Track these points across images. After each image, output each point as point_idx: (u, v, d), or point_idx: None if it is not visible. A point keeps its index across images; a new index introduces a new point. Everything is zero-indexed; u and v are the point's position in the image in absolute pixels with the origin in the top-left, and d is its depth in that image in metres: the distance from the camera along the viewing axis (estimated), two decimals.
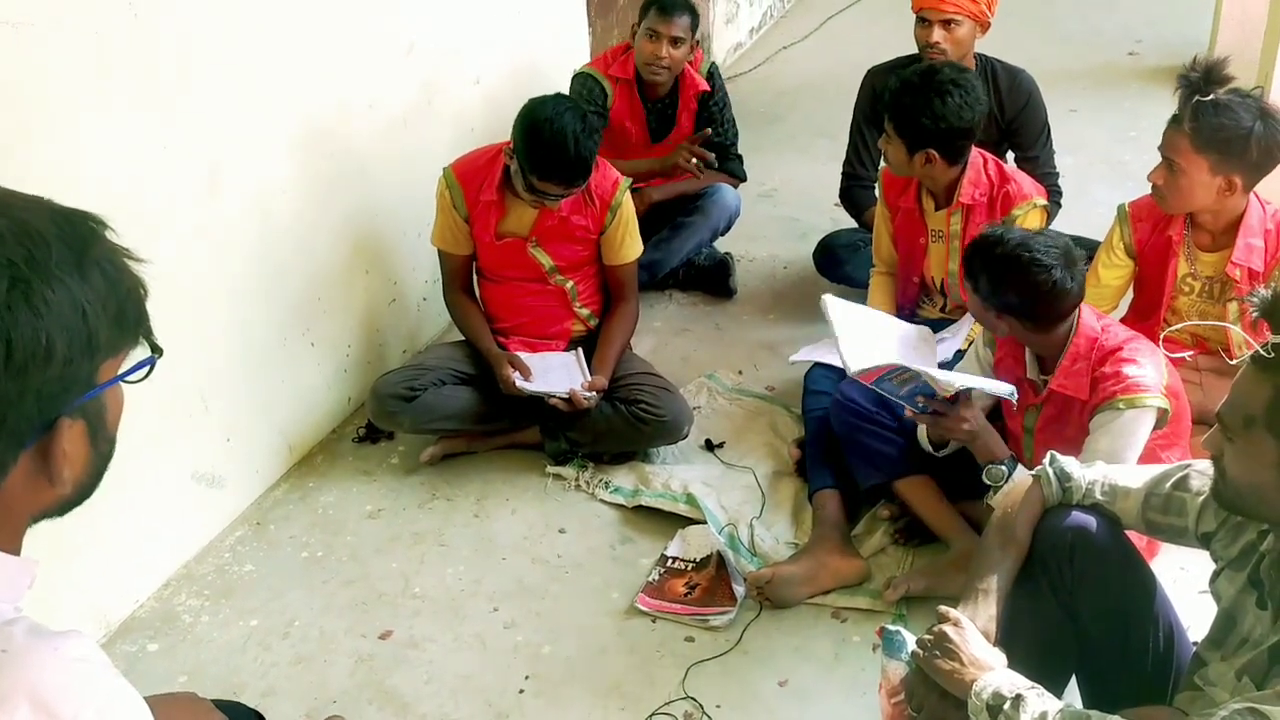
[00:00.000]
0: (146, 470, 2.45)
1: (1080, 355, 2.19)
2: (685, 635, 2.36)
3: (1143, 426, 2.11)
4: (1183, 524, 1.63)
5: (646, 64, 3.49)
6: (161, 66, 2.35)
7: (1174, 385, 2.18)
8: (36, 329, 0.84)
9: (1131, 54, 5.91)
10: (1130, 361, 2.14)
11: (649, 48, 3.46)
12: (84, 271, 0.88)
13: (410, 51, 3.26)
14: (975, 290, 2.20)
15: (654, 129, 3.67)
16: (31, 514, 0.95)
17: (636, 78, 3.57)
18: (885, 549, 2.54)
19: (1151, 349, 2.19)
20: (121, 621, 2.44)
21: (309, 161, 2.87)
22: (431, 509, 2.82)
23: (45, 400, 0.87)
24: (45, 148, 2.10)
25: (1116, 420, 2.11)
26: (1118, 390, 2.12)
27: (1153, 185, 2.56)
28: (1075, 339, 2.20)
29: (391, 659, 2.34)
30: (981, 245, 2.20)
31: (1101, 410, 2.14)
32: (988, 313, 2.21)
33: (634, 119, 3.62)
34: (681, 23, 3.44)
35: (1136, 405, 2.10)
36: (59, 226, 0.89)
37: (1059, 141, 3.58)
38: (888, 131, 2.74)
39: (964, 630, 1.60)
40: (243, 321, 2.72)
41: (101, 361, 0.91)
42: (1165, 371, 2.16)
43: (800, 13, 7.20)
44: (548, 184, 2.68)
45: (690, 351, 3.50)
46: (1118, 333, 2.22)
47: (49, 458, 0.90)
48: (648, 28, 3.46)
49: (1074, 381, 2.19)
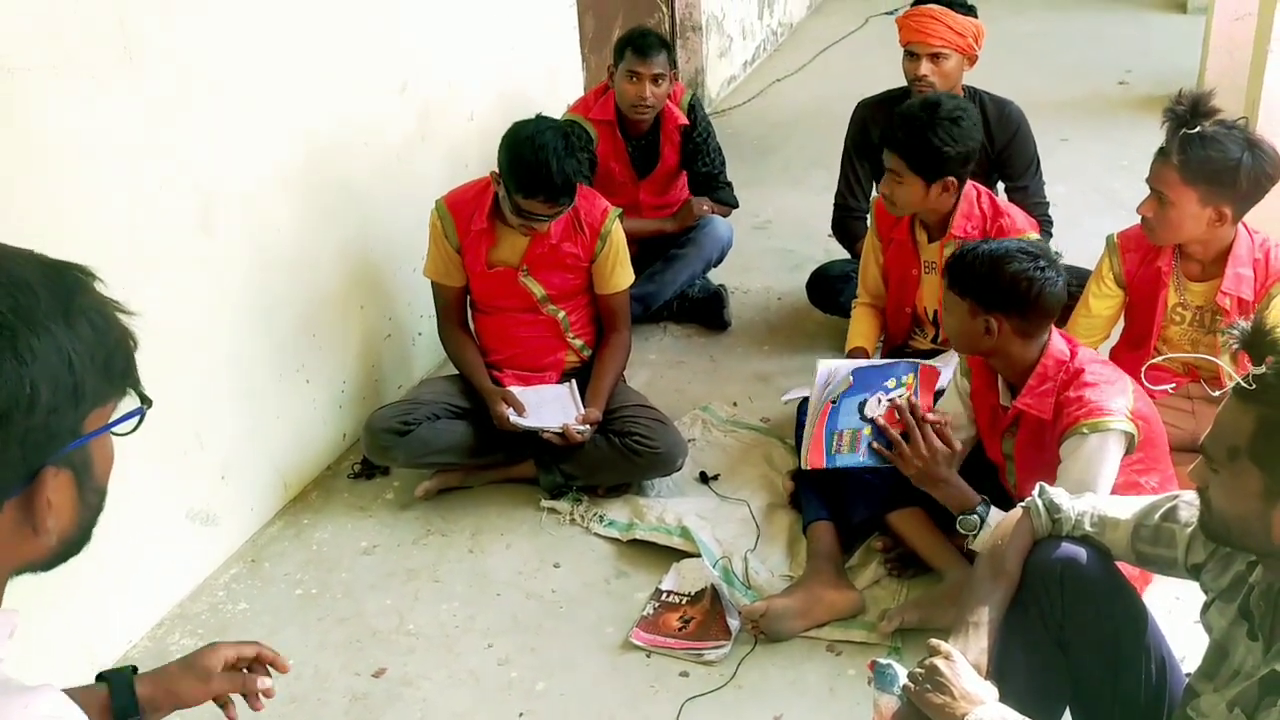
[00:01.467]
0: (141, 508, 2.45)
1: (1048, 376, 2.20)
2: (680, 670, 2.35)
3: (1110, 451, 2.10)
4: (1172, 555, 1.63)
5: (631, 105, 3.51)
6: (156, 105, 2.37)
7: (1143, 409, 2.18)
8: (21, 376, 0.84)
9: (1122, 83, 5.97)
10: (1092, 385, 2.14)
11: (631, 89, 3.48)
12: (71, 321, 0.89)
13: (404, 89, 3.29)
14: (964, 293, 2.19)
15: (639, 166, 3.70)
16: (14, 566, 0.94)
17: (617, 117, 3.59)
18: (880, 581, 2.54)
19: (1117, 374, 2.20)
20: (114, 661, 2.42)
21: (304, 197, 2.89)
22: (426, 545, 2.82)
23: (30, 449, 0.87)
24: (44, 188, 2.12)
25: (1083, 446, 2.11)
26: (1080, 415, 2.12)
27: (1143, 218, 2.57)
28: (1044, 359, 2.21)
29: (385, 697, 2.33)
30: (966, 249, 2.25)
31: (1068, 436, 2.14)
32: (975, 320, 2.19)
33: (618, 159, 3.65)
34: (659, 60, 3.46)
35: (1100, 429, 2.10)
36: (46, 276, 0.89)
37: (1050, 170, 3.61)
38: (895, 171, 2.72)
39: (955, 664, 1.60)
40: (238, 357, 2.73)
41: (88, 411, 0.91)
42: (1132, 396, 2.16)
43: (793, 46, 7.28)
44: (533, 202, 2.70)
45: (685, 384, 3.51)
46: (1085, 357, 2.23)
47: (33, 508, 0.89)
48: (627, 69, 3.47)
49: (1039, 401, 2.20)
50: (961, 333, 2.25)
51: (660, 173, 3.72)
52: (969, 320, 2.21)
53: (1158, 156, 2.51)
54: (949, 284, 2.24)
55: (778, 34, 7.48)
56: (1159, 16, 7.20)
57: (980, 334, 2.22)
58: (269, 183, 2.77)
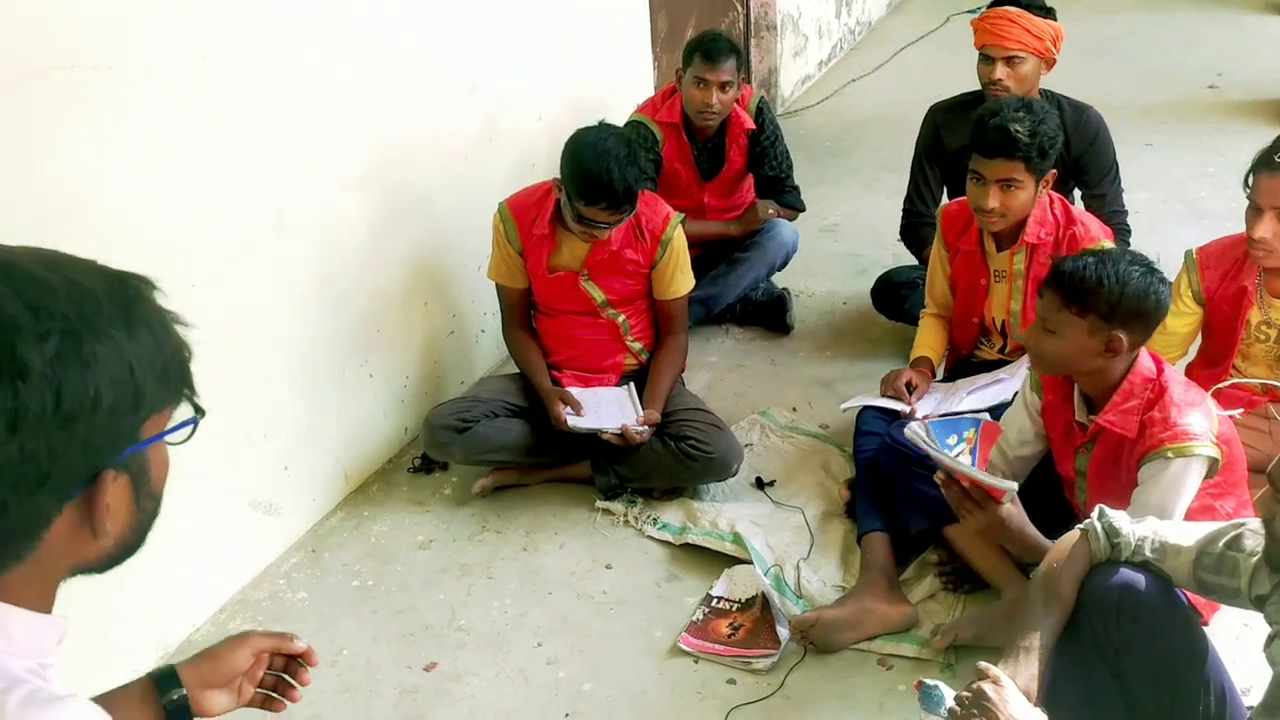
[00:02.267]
0: (206, 496, 2.51)
1: (1134, 393, 2.12)
2: (727, 677, 2.34)
3: (1192, 477, 2.05)
4: (1235, 585, 1.57)
5: (698, 111, 3.48)
6: (230, 107, 2.43)
7: (1225, 432, 2.10)
8: (85, 380, 0.87)
9: (1211, 87, 5.77)
10: (1178, 407, 2.07)
11: (698, 95, 3.45)
12: (132, 328, 0.91)
13: (474, 89, 3.32)
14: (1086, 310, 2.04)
15: (705, 168, 3.67)
16: (70, 568, 0.97)
17: (683, 120, 3.57)
18: (935, 595, 2.49)
19: (1201, 395, 2.13)
20: (178, 645, 2.49)
21: (372, 197, 2.94)
22: (481, 541, 2.84)
23: (91, 452, 0.89)
24: (123, 185, 2.19)
25: (1166, 471, 2.05)
26: (1165, 438, 2.05)
27: (1256, 240, 2.39)
28: (1130, 376, 2.13)
29: (435, 692, 2.35)
30: (1071, 264, 2.10)
31: (1150, 460, 2.07)
32: (1094, 339, 2.06)
33: (683, 161, 3.62)
34: (728, 67, 3.42)
35: (1185, 455, 2.03)
36: (109, 285, 0.92)
37: (1132, 177, 3.51)
38: (1011, 178, 2.60)
39: (1003, 689, 1.56)
40: (303, 353, 2.78)
41: (146, 417, 0.94)
42: (1216, 419, 2.09)
43: (871, 45, 7.18)
44: (594, 210, 2.70)
45: (745, 388, 3.48)
46: (1170, 375, 2.16)
47: (93, 511, 0.92)
48: (695, 75, 3.44)
49: (1123, 419, 2.12)
50: (1074, 352, 2.09)
51: (726, 175, 3.69)
52: (1085, 339, 2.07)
53: (1272, 171, 2.33)
54: (1065, 301, 2.07)
55: (855, 33, 7.39)
56: (1253, 18, 6.95)
57: (1096, 352, 2.09)
58: (339, 182, 2.82)
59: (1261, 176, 2.38)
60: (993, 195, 2.63)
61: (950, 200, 3.27)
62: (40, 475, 0.86)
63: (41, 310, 0.86)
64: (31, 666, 0.93)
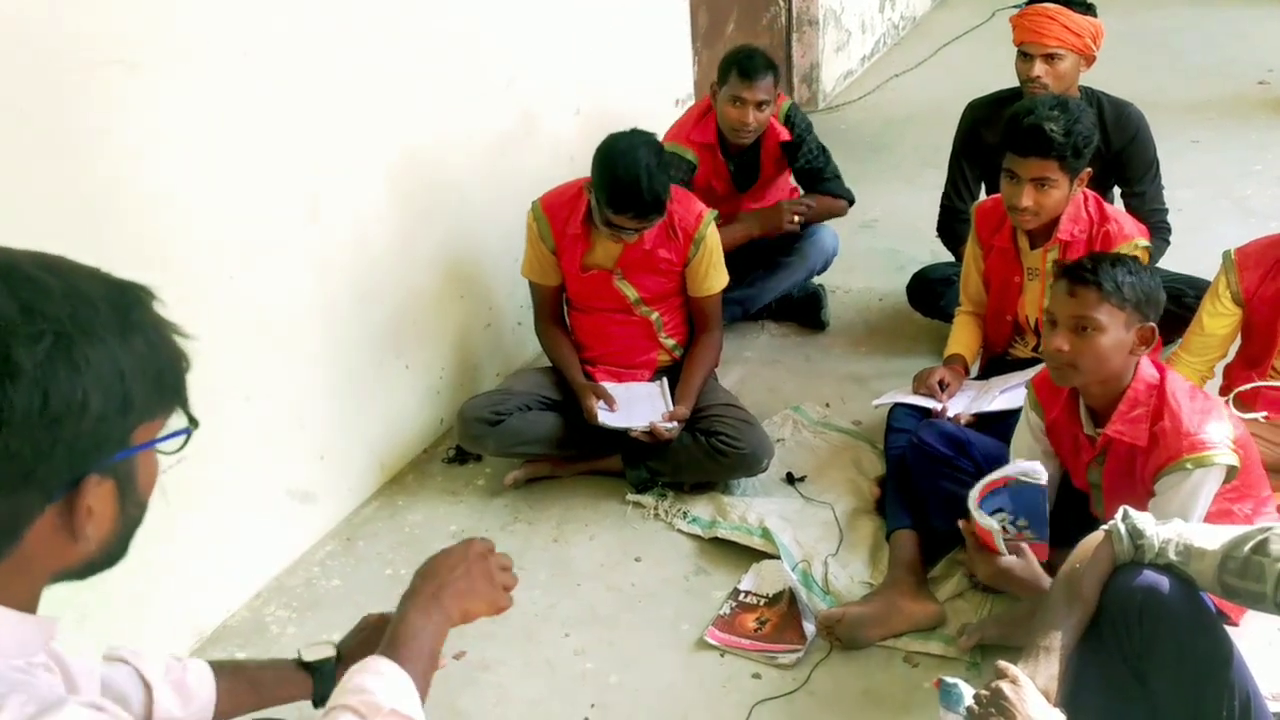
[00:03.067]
0: (243, 484, 2.57)
1: (1139, 401, 2.11)
2: (752, 672, 2.35)
3: (1210, 485, 2.03)
4: (1260, 590, 1.56)
5: (734, 129, 3.41)
6: (267, 101, 2.47)
7: (1242, 436, 2.08)
8: (74, 383, 0.88)
9: (1262, 83, 5.65)
10: (1192, 416, 2.05)
11: (734, 113, 3.38)
12: (126, 335, 0.93)
13: (511, 84, 3.35)
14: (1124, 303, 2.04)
15: (739, 180, 3.63)
16: (52, 572, 0.98)
17: (718, 138, 3.51)
18: (962, 594, 2.48)
19: (1211, 401, 2.10)
20: (214, 630, 2.55)
21: (408, 189, 2.98)
22: (513, 532, 2.88)
23: (76, 455, 0.90)
24: (157, 180, 2.24)
25: (1185, 481, 2.03)
26: (1183, 449, 2.03)
27: None
28: (1134, 383, 2.12)
29: (463, 679, 2.39)
30: (1103, 258, 2.11)
31: (1169, 472, 2.05)
32: (1128, 334, 2.06)
33: (719, 178, 3.57)
34: (765, 84, 3.35)
35: (1205, 465, 2.02)
36: (109, 292, 0.94)
37: (1177, 174, 3.46)
38: (1046, 177, 2.58)
39: (1022, 689, 1.56)
40: (339, 343, 2.83)
41: (136, 424, 0.95)
42: (1231, 424, 2.06)
43: (914, 41, 7.13)
44: (622, 217, 2.72)
45: (778, 383, 3.49)
46: (1174, 382, 2.13)
47: (74, 513, 0.93)
48: (731, 94, 3.36)
49: (1131, 428, 2.10)
50: (1113, 348, 2.06)
51: (759, 185, 3.67)
52: (1123, 333, 2.06)
53: None
54: (1104, 295, 2.04)
55: (899, 28, 7.33)
56: None
57: (1130, 347, 2.08)
58: (375, 175, 2.86)
59: None
60: (1026, 194, 2.61)
61: (989, 196, 3.25)
62: (23, 473, 0.87)
63: (36, 312, 0.87)
64: (19, 665, 0.94)
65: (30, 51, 1.94)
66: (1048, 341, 2.12)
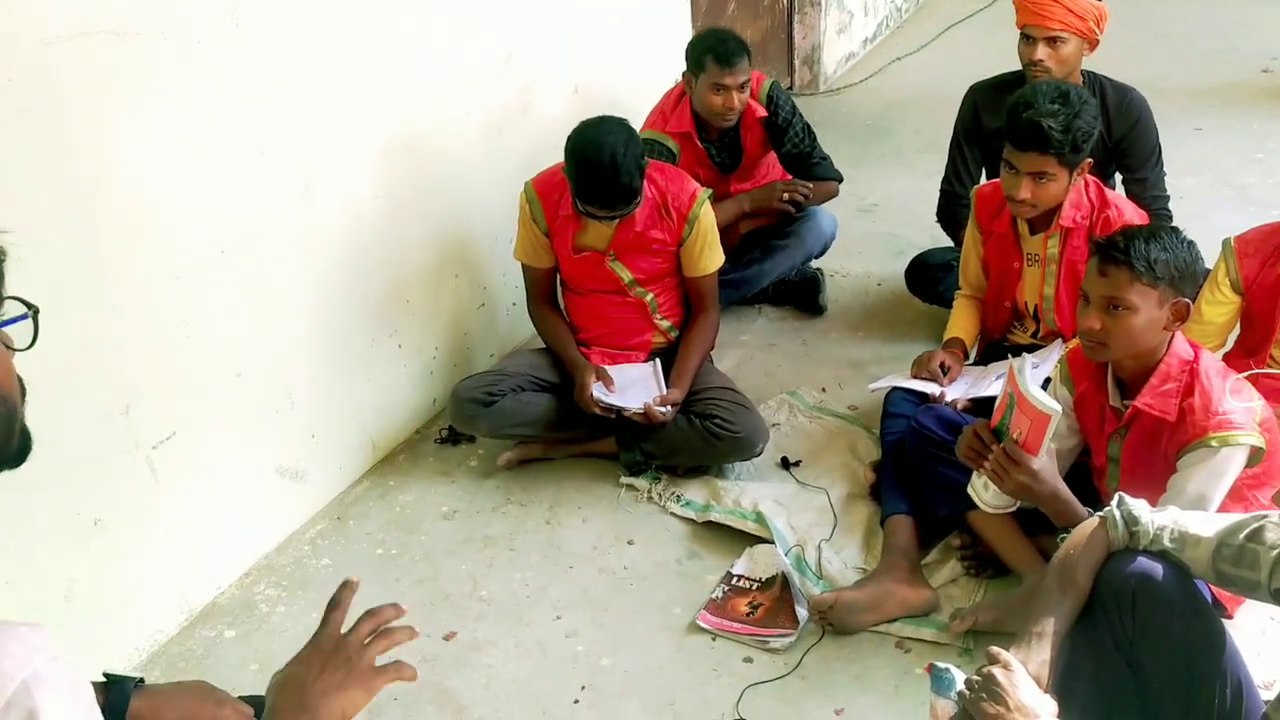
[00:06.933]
0: (233, 462, 2.55)
1: (1170, 375, 2.10)
2: (744, 656, 2.34)
3: (1234, 465, 2.03)
4: (1255, 578, 1.54)
5: (718, 115, 3.37)
6: (260, 74, 2.44)
7: (1268, 420, 2.07)
8: None
9: (1266, 71, 5.62)
10: (1221, 395, 2.03)
11: (719, 101, 3.33)
12: None
13: (508, 61, 3.32)
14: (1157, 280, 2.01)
15: (724, 163, 3.60)
16: None
17: (695, 124, 3.47)
18: (956, 579, 2.47)
19: (1242, 381, 2.09)
20: (203, 608, 2.54)
21: (402, 167, 2.95)
22: (505, 513, 2.86)
23: None
24: (147, 152, 2.21)
25: (1210, 460, 2.02)
26: (1210, 426, 2.02)
27: None
28: (1167, 358, 2.11)
29: (453, 660, 2.38)
30: (1130, 235, 2.07)
31: (1192, 448, 2.04)
32: (1161, 310, 2.04)
33: (702, 165, 3.54)
34: (743, 67, 3.31)
35: (1230, 444, 2.01)
36: None
37: (1180, 162, 3.43)
38: (1043, 171, 2.56)
39: (1014, 674, 1.54)
40: (332, 321, 2.81)
41: None
42: (1259, 405, 2.05)
43: (918, 22, 7.07)
44: (591, 206, 2.70)
45: (775, 367, 3.47)
46: (1207, 360, 2.12)
47: None
48: (712, 83, 3.32)
49: (1161, 401, 2.09)
50: (1148, 326, 2.04)
51: (746, 165, 3.63)
52: (1156, 310, 2.04)
53: None
54: (1136, 274, 2.01)
55: (902, 10, 7.28)
56: None
57: (1164, 323, 2.06)
58: (369, 153, 2.84)
59: None
60: (1024, 186, 2.59)
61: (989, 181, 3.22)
62: None
63: None
64: None
65: (15, 20, 1.91)
66: (1081, 319, 2.11)
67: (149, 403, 2.29)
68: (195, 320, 2.38)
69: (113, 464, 2.24)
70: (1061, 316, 2.80)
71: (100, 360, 2.15)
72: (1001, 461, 2.07)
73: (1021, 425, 2.05)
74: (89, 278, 2.09)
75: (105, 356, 2.16)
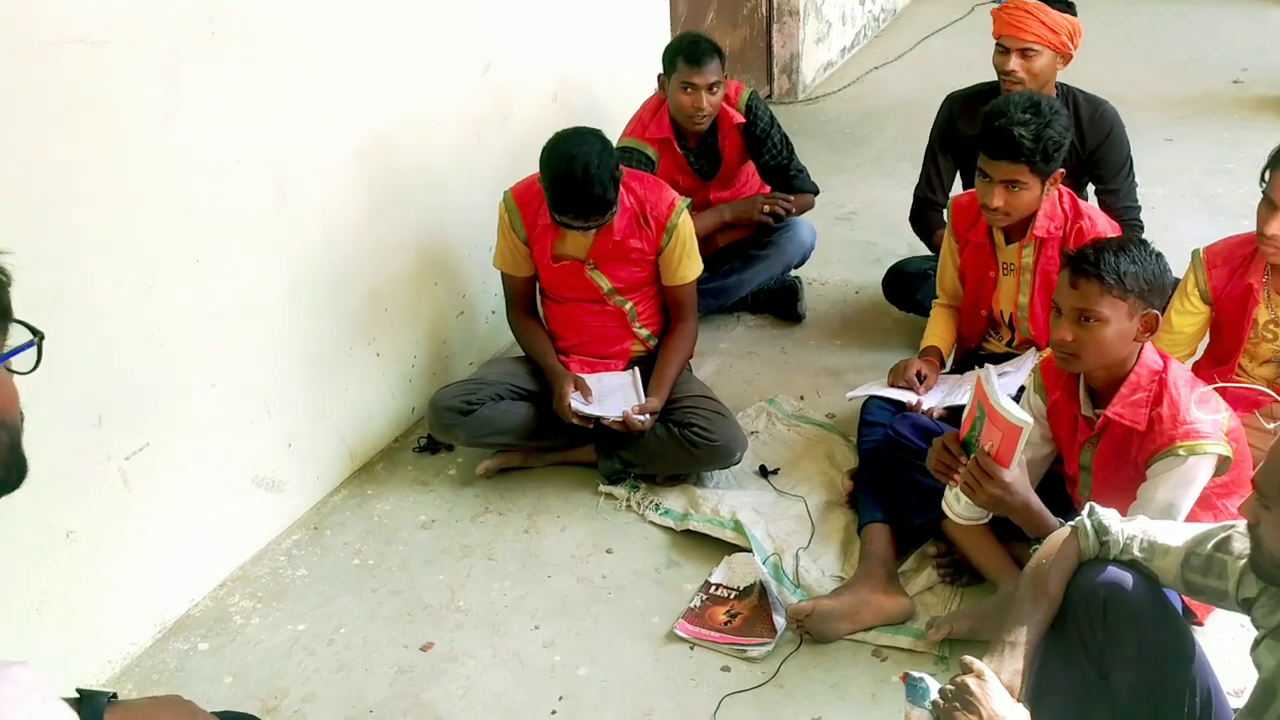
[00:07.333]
0: (207, 472, 2.54)
1: (1141, 385, 2.13)
2: (722, 665, 2.35)
3: (1202, 474, 2.06)
4: (1223, 587, 1.56)
5: (688, 116, 3.40)
6: (235, 82, 2.43)
7: (1235, 429, 2.10)
8: None
9: (1236, 82, 5.69)
10: (1189, 405, 2.07)
11: (688, 100, 3.36)
12: None
13: (488, 67, 3.32)
14: (1127, 292, 2.05)
15: (703, 170, 3.61)
16: None
17: (674, 131, 3.50)
18: (932, 587, 2.49)
19: (1210, 391, 2.12)
20: (176, 619, 2.52)
21: (380, 174, 2.94)
22: (483, 522, 2.86)
23: None
24: (120, 161, 2.20)
25: (1178, 468, 2.05)
26: (1177, 435, 2.05)
27: (1269, 237, 2.36)
28: (1137, 368, 2.14)
29: (430, 671, 2.37)
30: (1099, 248, 2.11)
31: (1161, 457, 2.07)
32: (1131, 322, 2.08)
33: (681, 172, 3.55)
34: (713, 67, 3.34)
35: (1198, 452, 2.04)
36: None
37: (1150, 171, 3.47)
38: (1015, 180, 2.59)
39: (987, 683, 1.56)
40: (309, 329, 2.80)
41: None
42: (1226, 415, 2.08)
43: (895, 32, 7.13)
44: (566, 217, 2.71)
45: (754, 375, 3.48)
46: (1176, 370, 2.15)
47: None
48: (682, 81, 3.35)
49: (1131, 411, 2.12)
50: (1118, 338, 2.08)
51: (725, 173, 3.65)
52: (1127, 322, 2.08)
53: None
54: (1106, 287, 2.05)
55: (880, 20, 7.33)
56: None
57: (1134, 334, 2.10)
58: (346, 159, 2.83)
59: (1278, 173, 2.35)
60: (998, 195, 2.63)
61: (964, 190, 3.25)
62: None
63: None
64: None
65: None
66: (1053, 330, 2.15)
67: (122, 413, 2.28)
68: (169, 330, 2.37)
69: (85, 475, 2.22)
70: (1036, 325, 2.83)
71: (71, 371, 2.14)
72: (974, 474, 2.09)
73: (993, 437, 2.06)
74: (59, 287, 2.07)
75: (76, 367, 2.15)
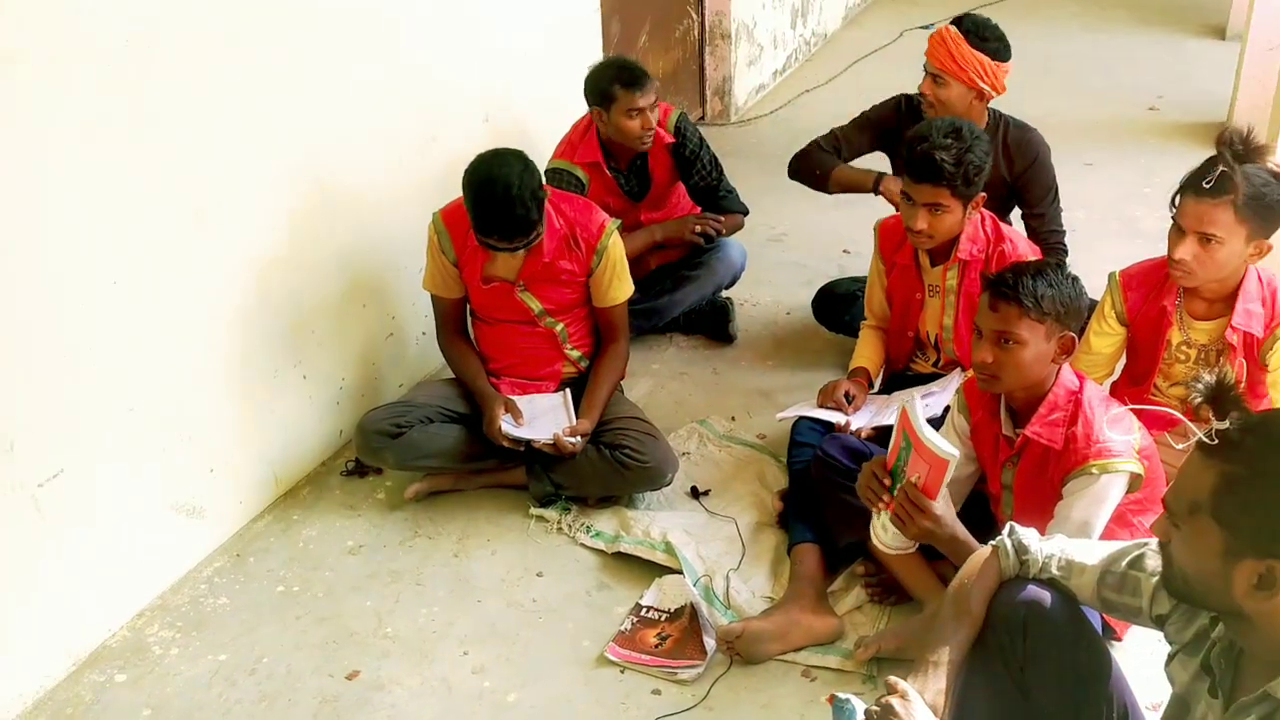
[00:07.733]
0: (125, 499, 2.47)
1: (1059, 405, 2.18)
2: (652, 688, 2.34)
3: (1114, 492, 2.11)
4: (1137, 604, 1.60)
5: (639, 138, 3.41)
6: (156, 99, 2.39)
7: (1147, 448, 2.16)
8: None
9: (1152, 109, 5.87)
10: (1103, 424, 2.12)
11: (635, 125, 3.36)
12: None
13: (417, 90, 3.29)
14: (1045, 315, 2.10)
15: (633, 191, 3.62)
16: None
17: (603, 153, 3.51)
18: (861, 607, 2.51)
19: (1123, 411, 2.18)
20: (91, 651, 2.44)
21: (307, 195, 2.90)
22: (412, 547, 2.82)
23: None
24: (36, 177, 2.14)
25: (1091, 486, 2.10)
26: (1090, 454, 2.10)
27: (1177, 261, 2.43)
28: (1055, 388, 2.19)
29: (355, 701, 2.33)
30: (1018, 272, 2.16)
31: (1075, 475, 2.12)
32: (1050, 343, 2.13)
33: (611, 194, 3.56)
34: (653, 87, 3.38)
35: (1110, 470, 2.09)
36: None
37: (1071, 195, 3.55)
38: (938, 203, 2.65)
39: (911, 704, 1.57)
40: (232, 352, 2.74)
41: None
42: (1138, 434, 2.13)
43: (826, 56, 7.23)
44: (489, 239, 2.71)
45: (685, 396, 3.49)
46: (1092, 390, 2.21)
47: None
48: (627, 108, 3.35)
49: (1049, 430, 2.17)
50: (1035, 359, 2.14)
51: (655, 194, 3.67)
52: (1044, 344, 2.13)
53: (1196, 195, 2.37)
54: (1024, 310, 2.10)
55: (810, 44, 7.43)
56: (1196, 42, 7.07)
57: (1051, 356, 2.15)
58: (268, 180, 2.78)
59: (1187, 199, 2.42)
60: (921, 217, 2.69)
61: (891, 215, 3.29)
62: None
63: None
64: None
65: None
66: (974, 352, 2.20)
67: (35, 439, 2.21)
68: (85, 353, 2.30)
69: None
70: (961, 346, 2.88)
71: None
72: (905, 507, 2.11)
73: (919, 469, 2.08)
74: None
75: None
